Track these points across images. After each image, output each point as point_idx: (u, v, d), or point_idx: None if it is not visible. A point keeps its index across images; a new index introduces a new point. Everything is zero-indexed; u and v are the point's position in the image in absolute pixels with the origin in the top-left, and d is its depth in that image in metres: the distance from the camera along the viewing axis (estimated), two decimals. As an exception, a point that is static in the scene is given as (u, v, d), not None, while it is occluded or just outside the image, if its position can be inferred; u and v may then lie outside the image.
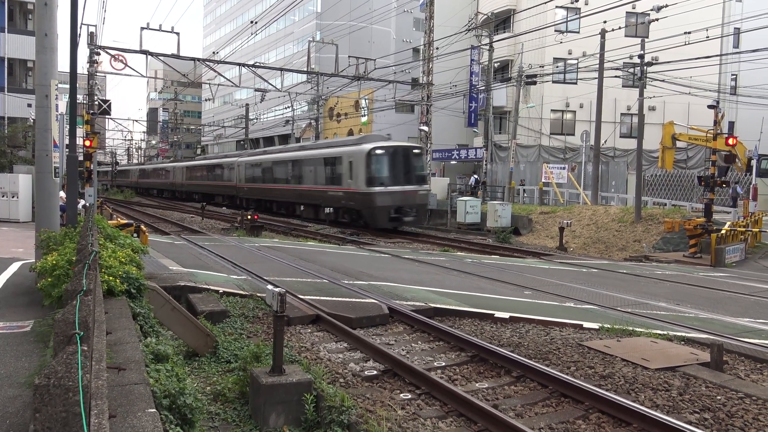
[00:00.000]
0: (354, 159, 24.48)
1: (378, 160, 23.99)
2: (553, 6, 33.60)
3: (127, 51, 26.76)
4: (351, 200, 24.62)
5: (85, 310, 2.82)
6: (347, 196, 24.82)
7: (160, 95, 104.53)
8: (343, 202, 25.21)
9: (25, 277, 9.97)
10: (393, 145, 25.19)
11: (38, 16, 10.04)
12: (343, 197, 25.21)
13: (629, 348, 7.34)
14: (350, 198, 24.65)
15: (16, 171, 24.37)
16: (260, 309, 8.97)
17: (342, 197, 25.25)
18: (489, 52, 33.38)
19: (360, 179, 23.88)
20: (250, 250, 16.03)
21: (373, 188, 23.47)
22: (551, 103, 38.91)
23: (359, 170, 23.91)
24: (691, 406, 5.56)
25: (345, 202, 25.07)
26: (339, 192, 25.53)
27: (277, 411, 5.28)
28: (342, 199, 25.25)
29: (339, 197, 25.49)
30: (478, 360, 6.96)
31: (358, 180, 24.04)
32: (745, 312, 9.97)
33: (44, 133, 9.99)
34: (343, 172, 25.29)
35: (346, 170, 24.93)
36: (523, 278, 12.79)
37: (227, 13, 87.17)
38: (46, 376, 1.98)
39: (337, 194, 25.65)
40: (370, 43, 55.65)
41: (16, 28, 33.33)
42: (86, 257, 4.78)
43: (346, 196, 24.96)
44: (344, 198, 25.08)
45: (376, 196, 23.37)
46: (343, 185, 25.19)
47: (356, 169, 24.15)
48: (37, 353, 5.67)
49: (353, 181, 24.35)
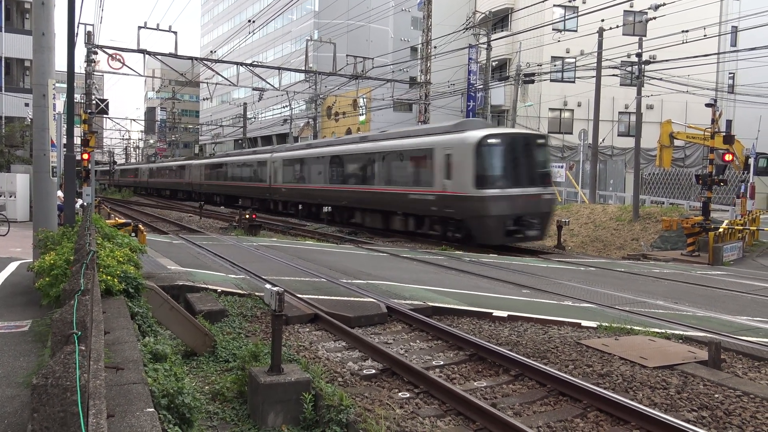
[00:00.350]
0: (454, 151, 18.72)
1: (492, 153, 18.40)
2: (551, 4, 33.66)
3: (124, 50, 26.74)
4: (448, 207, 18.80)
5: (82, 310, 2.82)
6: (442, 201, 18.98)
7: (157, 94, 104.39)
8: (435, 208, 19.46)
9: (23, 276, 9.96)
10: (511, 133, 19.91)
11: (35, 15, 10.02)
12: (434, 202, 19.35)
13: (627, 346, 7.35)
14: (447, 204, 18.82)
15: (14, 170, 24.35)
16: (258, 308, 8.97)
17: (433, 202, 19.41)
18: (487, 50, 33.38)
19: (464, 179, 18.16)
20: (248, 249, 16.02)
21: (484, 191, 17.70)
22: (549, 101, 38.93)
23: (463, 167, 18.23)
24: (689, 405, 5.57)
25: (438, 208, 19.31)
26: (428, 195, 19.60)
27: (276, 410, 5.28)
28: (432, 204, 19.45)
29: (427, 202, 19.62)
30: (476, 359, 6.97)
31: (461, 180, 18.29)
32: (742, 310, 9.99)
33: (42, 133, 9.97)
34: (434, 170, 19.33)
35: (441, 167, 19.02)
36: (522, 277, 12.80)
37: (225, 12, 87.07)
38: (43, 376, 1.98)
39: (425, 198, 19.74)
40: (368, 41, 55.61)
41: (13, 27, 33.30)
42: (84, 257, 4.77)
43: (440, 201, 19.09)
44: (436, 203, 19.26)
45: (489, 202, 17.63)
46: (435, 186, 19.29)
47: (458, 165, 18.42)
48: (35, 353, 5.67)
49: (453, 182, 18.58)
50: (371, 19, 52.07)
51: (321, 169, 27.60)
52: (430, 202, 19.52)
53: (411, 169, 21.04)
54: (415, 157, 20.85)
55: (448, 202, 18.74)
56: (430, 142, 20.11)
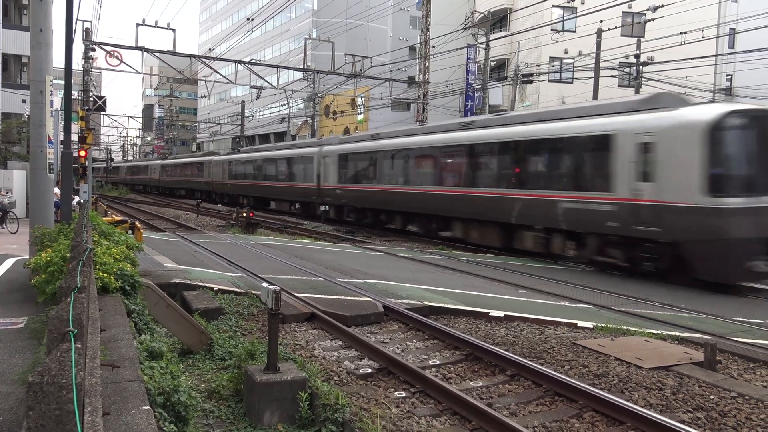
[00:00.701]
0: (661, 138, 12.53)
1: (740, 141, 12.54)
2: (549, 5, 33.69)
3: (122, 47, 26.67)
4: (644, 222, 12.66)
5: (79, 308, 2.82)
6: (632, 215, 12.88)
7: (155, 92, 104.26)
8: (614, 224, 13.28)
9: (19, 273, 9.93)
10: (759, 110, 12.97)
11: (33, 11, 10.00)
12: (614, 215, 13.28)
13: (623, 347, 7.37)
14: (642, 218, 12.70)
15: (11, 167, 24.31)
16: (255, 306, 8.96)
17: (611, 215, 13.33)
18: (485, 50, 33.39)
19: (683, 180, 12.12)
20: (245, 248, 16.00)
21: (724, 200, 11.73)
22: (547, 102, 38.90)
23: (681, 162, 12.17)
24: (685, 406, 5.58)
25: (621, 224, 13.16)
26: (601, 205, 13.60)
27: (272, 409, 5.28)
28: (611, 218, 13.34)
29: (600, 215, 13.59)
30: (472, 358, 6.98)
31: (675, 182, 12.25)
32: (738, 312, 10.01)
33: (39, 129, 9.96)
34: (616, 166, 13.37)
35: (630, 161, 13.00)
36: (518, 277, 12.81)
37: (223, 9, 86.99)
38: (39, 373, 1.98)
39: (596, 209, 13.74)
40: (366, 40, 55.58)
41: (11, 23, 33.21)
42: (80, 254, 4.77)
43: (626, 214, 13.03)
44: (620, 217, 13.17)
45: (731, 218, 11.74)
46: (617, 191, 13.29)
47: (669, 159, 12.33)
48: (30, 350, 5.66)
49: (657, 185, 12.49)
50: (370, 18, 52.06)
51: (399, 166, 21.78)
52: (607, 214, 13.40)
53: (567, 165, 15.15)
54: (576, 148, 14.72)
55: (644, 216, 12.58)
56: (610, 125, 13.69)
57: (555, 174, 15.42)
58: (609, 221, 13.42)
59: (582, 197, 14.22)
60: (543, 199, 15.26)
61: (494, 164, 17.49)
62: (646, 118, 13.07)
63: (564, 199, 14.65)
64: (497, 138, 17.19)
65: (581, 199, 14.22)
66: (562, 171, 15.28)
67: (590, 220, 13.96)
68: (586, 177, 14.59)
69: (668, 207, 12.27)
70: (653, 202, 12.52)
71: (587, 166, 14.68)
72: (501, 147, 17.08)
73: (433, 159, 20.02)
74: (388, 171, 22.42)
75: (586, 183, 14.43)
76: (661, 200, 12.40)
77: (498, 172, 17.26)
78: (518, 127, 16.61)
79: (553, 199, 14.93)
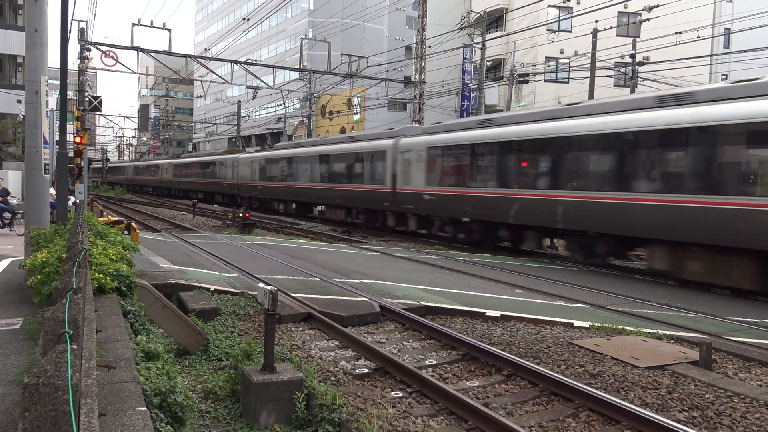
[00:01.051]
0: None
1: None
2: (545, 5, 33.74)
3: (118, 47, 26.63)
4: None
5: (75, 309, 2.81)
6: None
7: (151, 92, 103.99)
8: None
9: (15, 274, 9.91)
10: None
11: (28, 11, 9.97)
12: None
13: (619, 347, 7.39)
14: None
15: (6, 167, 24.24)
16: (251, 307, 8.96)
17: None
18: (481, 50, 33.42)
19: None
20: (241, 248, 15.99)
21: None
22: (543, 102, 38.97)
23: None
24: (680, 405, 5.60)
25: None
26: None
27: (268, 409, 5.28)
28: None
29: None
30: (469, 358, 6.99)
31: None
32: (733, 311, 10.05)
33: (34, 130, 9.94)
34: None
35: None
36: (515, 277, 12.83)
37: (219, 9, 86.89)
38: (35, 375, 1.97)
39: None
40: (362, 40, 55.59)
41: (6, 23, 33.11)
42: (76, 255, 4.76)
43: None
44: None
45: None
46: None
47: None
48: (26, 351, 5.64)
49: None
50: (366, 18, 52.07)
51: (532, 163, 15.90)
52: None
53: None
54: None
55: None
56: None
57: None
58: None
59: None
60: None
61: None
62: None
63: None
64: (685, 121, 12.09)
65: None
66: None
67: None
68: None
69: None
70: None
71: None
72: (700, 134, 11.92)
73: (586, 152, 14.31)
74: (502, 171, 16.85)
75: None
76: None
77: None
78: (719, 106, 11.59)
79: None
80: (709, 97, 11.97)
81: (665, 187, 12.46)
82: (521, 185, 16.15)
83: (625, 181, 13.34)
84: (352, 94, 42.01)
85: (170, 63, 30.07)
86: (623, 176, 13.40)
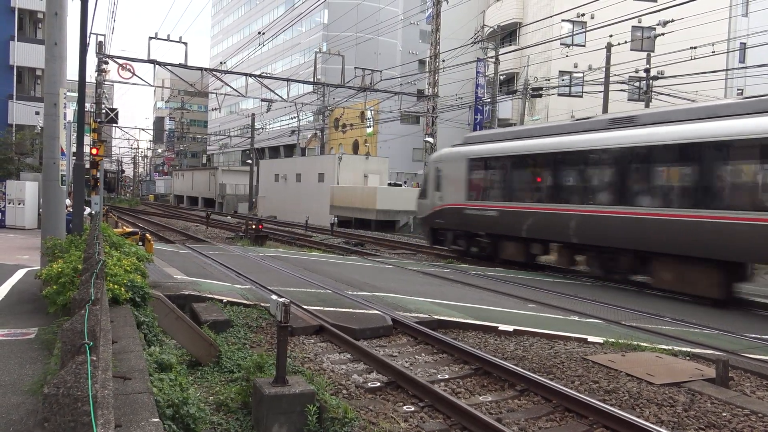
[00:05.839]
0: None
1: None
2: (559, 19, 33.74)
3: (135, 60, 26.97)
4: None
5: (93, 320, 2.84)
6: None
7: (166, 104, 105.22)
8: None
9: (30, 284, 10.00)
10: None
11: (48, 25, 10.15)
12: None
13: (634, 363, 7.31)
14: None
15: (23, 178, 24.51)
16: (264, 319, 8.97)
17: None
18: (495, 64, 33.50)
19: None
20: (254, 260, 16.04)
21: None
22: (556, 116, 38.92)
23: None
24: (696, 423, 5.52)
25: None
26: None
27: (280, 422, 5.27)
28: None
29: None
30: (481, 373, 6.94)
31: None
32: (750, 328, 9.92)
33: (52, 141, 10.07)
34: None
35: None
36: (527, 291, 12.76)
37: (235, 23, 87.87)
38: (55, 385, 1.99)
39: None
40: (376, 54, 55.94)
41: (26, 37, 33.67)
42: (93, 266, 4.80)
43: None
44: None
45: None
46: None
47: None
48: (41, 361, 5.68)
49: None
50: (380, 32, 52.41)
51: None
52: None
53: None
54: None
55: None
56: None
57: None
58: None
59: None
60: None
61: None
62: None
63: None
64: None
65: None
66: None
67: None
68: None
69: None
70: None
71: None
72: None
73: None
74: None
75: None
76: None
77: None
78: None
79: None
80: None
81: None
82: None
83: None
84: (366, 107, 42.19)
85: (186, 76, 30.43)
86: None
